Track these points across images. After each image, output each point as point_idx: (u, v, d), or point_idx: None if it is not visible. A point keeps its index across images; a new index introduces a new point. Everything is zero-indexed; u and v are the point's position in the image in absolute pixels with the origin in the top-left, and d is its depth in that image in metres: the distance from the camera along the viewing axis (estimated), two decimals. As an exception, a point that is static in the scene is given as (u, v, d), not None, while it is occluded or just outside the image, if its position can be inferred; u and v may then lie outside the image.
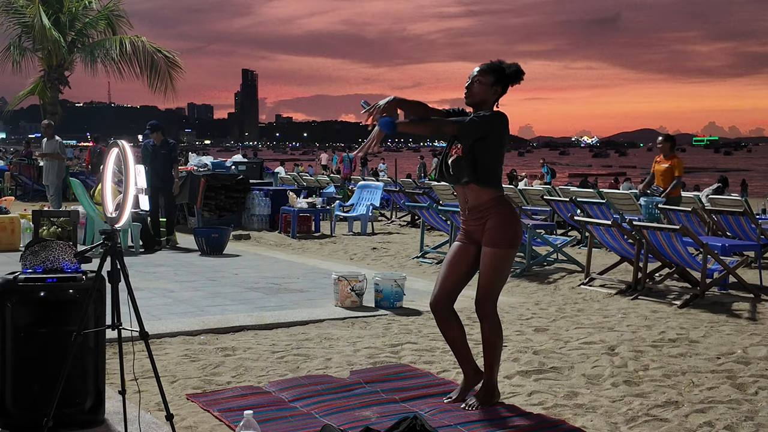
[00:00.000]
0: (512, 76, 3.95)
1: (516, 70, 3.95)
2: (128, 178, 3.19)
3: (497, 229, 3.90)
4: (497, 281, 3.98)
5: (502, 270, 3.98)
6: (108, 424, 3.67)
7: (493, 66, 3.95)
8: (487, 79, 3.92)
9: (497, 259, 3.92)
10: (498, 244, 3.91)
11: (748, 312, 6.70)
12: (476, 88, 3.93)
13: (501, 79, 3.94)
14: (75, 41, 20.58)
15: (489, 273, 3.94)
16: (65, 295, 3.52)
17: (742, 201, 11.98)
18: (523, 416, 3.90)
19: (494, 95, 3.94)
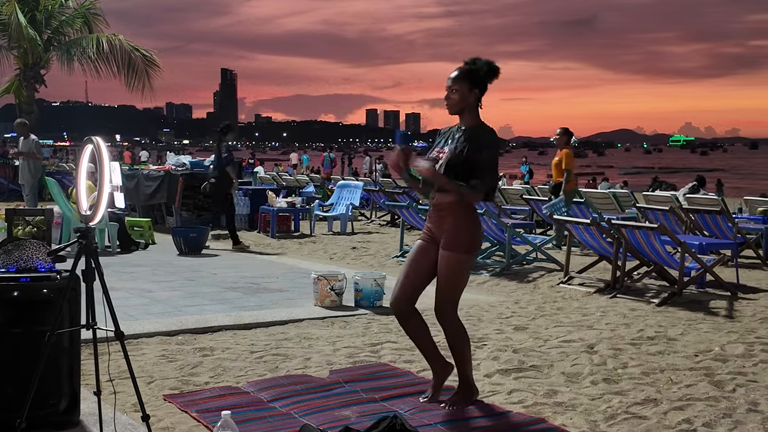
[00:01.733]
0: (487, 76, 3.94)
1: (489, 68, 3.93)
2: (103, 176, 3.14)
3: (454, 232, 3.87)
4: (454, 287, 3.92)
5: (459, 275, 3.93)
6: (83, 425, 3.61)
7: (466, 71, 3.92)
8: (462, 87, 3.90)
9: (453, 264, 3.87)
10: (454, 247, 3.87)
11: (725, 310, 6.75)
12: (454, 98, 3.92)
13: (477, 82, 3.91)
14: (51, 39, 20.38)
15: (445, 278, 3.89)
16: (39, 295, 3.46)
17: (719, 200, 12.10)
18: (503, 415, 3.89)
19: (473, 98, 3.93)
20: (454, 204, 3.88)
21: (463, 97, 3.91)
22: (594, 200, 13.20)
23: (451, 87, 3.92)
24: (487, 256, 9.35)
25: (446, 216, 3.90)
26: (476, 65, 3.93)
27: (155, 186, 13.47)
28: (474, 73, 3.91)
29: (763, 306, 6.94)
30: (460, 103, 3.92)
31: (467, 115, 3.95)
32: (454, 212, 3.89)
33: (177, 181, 13.00)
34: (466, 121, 3.96)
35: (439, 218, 3.93)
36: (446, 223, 3.89)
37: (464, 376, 4.03)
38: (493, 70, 3.93)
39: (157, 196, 13.51)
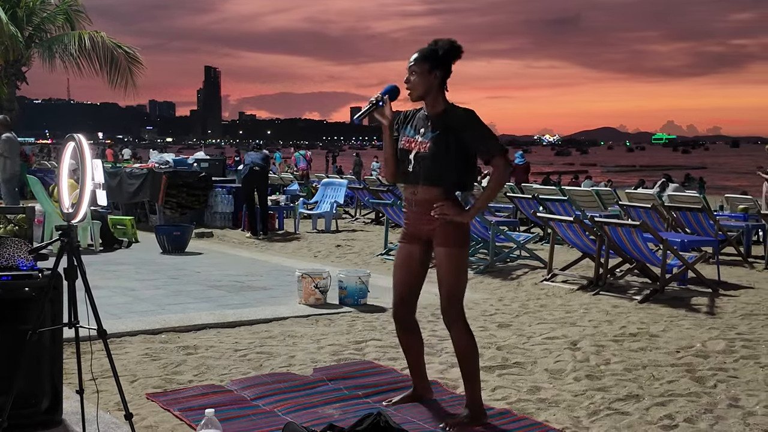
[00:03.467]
0: (449, 55, 3.66)
1: (450, 47, 3.65)
2: (85, 173, 3.13)
3: (448, 227, 3.66)
4: (460, 283, 3.73)
5: (463, 270, 3.73)
6: (66, 424, 3.59)
7: (426, 52, 3.65)
8: (422, 68, 3.63)
9: (456, 259, 3.68)
10: (454, 243, 3.67)
11: (706, 306, 6.81)
12: (414, 81, 3.64)
13: (438, 62, 3.64)
14: (32, 36, 20.18)
15: (450, 275, 3.69)
16: (20, 293, 3.43)
17: (700, 198, 12.20)
18: (487, 411, 3.90)
19: (435, 80, 3.64)
20: (442, 199, 3.66)
21: (424, 79, 3.63)
22: (577, 198, 13.27)
23: (411, 68, 3.65)
24: (471, 254, 9.37)
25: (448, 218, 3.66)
26: (436, 45, 3.66)
27: (138, 184, 13.40)
28: (433, 53, 3.64)
29: (743, 303, 7.01)
30: (423, 86, 3.64)
31: (432, 100, 3.68)
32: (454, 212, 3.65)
33: (160, 179, 12.94)
34: (432, 107, 3.70)
35: (426, 214, 3.68)
36: (437, 220, 3.67)
37: (473, 396, 3.76)
38: (455, 48, 3.66)
39: (140, 194, 13.45)
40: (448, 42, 3.67)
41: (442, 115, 3.67)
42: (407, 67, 3.68)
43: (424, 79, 3.64)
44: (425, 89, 3.66)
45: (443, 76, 3.67)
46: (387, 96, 3.72)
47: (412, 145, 3.71)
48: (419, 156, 3.67)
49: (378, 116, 3.71)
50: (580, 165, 70.47)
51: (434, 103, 3.70)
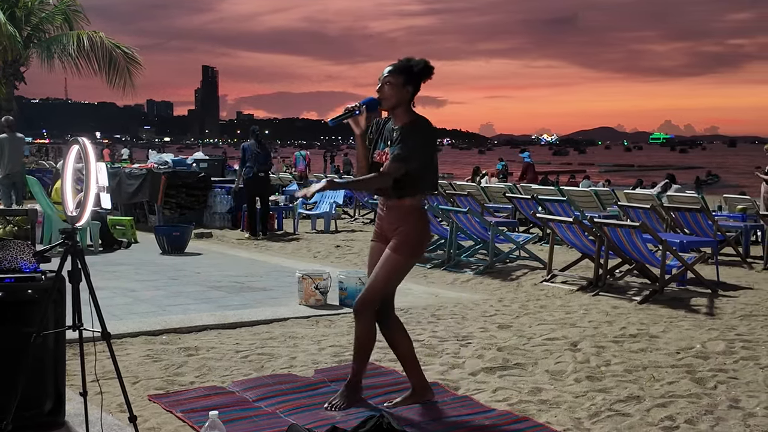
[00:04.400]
0: (422, 74, 3.83)
1: (424, 66, 3.82)
2: (89, 176, 3.13)
3: (406, 236, 3.84)
4: (387, 285, 3.89)
5: (397, 276, 3.90)
6: (68, 426, 3.60)
7: (401, 66, 3.82)
8: (397, 80, 3.79)
9: (395, 265, 3.84)
10: (402, 251, 3.84)
11: (706, 307, 6.83)
12: (388, 91, 3.80)
13: (411, 78, 3.81)
14: (31, 36, 20.17)
15: (382, 275, 3.85)
16: (24, 296, 3.44)
17: (699, 198, 12.22)
18: (488, 413, 3.92)
19: (407, 95, 3.82)
20: (408, 209, 3.85)
21: (397, 92, 3.79)
22: (576, 198, 13.29)
23: (386, 79, 3.81)
24: (470, 255, 9.39)
25: (400, 219, 3.85)
26: (411, 62, 3.83)
27: (137, 184, 13.41)
28: (409, 69, 3.81)
29: (743, 303, 7.03)
30: (395, 97, 3.80)
31: (401, 112, 3.84)
32: (407, 218, 3.84)
33: (159, 179, 12.94)
34: (399, 119, 3.85)
35: (392, 220, 3.88)
36: (400, 226, 3.85)
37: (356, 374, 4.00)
38: (429, 68, 3.83)
39: (139, 195, 13.45)
40: (423, 61, 3.84)
41: (404, 128, 3.81)
42: (381, 78, 3.84)
43: (397, 91, 3.80)
44: (397, 101, 3.82)
45: (414, 92, 3.84)
46: (365, 106, 3.85)
47: (383, 158, 3.86)
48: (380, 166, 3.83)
49: (353, 124, 3.88)
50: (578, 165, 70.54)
51: (402, 117, 3.85)
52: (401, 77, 3.80)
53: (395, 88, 3.80)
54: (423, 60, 3.85)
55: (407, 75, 3.81)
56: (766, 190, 12.69)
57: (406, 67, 3.82)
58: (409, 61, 3.84)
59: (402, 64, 3.83)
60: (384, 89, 3.82)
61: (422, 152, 3.79)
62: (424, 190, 3.92)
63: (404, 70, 3.81)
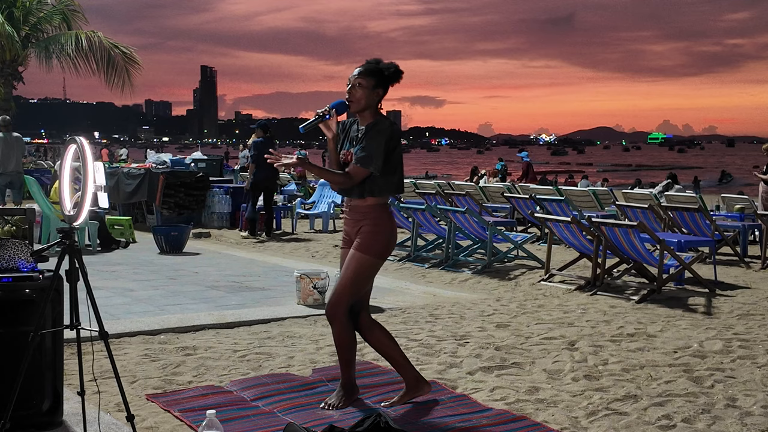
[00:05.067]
0: (392, 77, 3.85)
1: (395, 70, 3.85)
2: (86, 176, 3.14)
3: (370, 236, 3.84)
4: (355, 287, 3.86)
5: (364, 277, 3.88)
6: (66, 425, 3.60)
7: (373, 69, 3.83)
8: (368, 83, 3.81)
9: (361, 266, 3.84)
10: (367, 250, 3.83)
11: (703, 307, 6.83)
12: (358, 94, 3.81)
13: (382, 81, 3.83)
14: (29, 36, 20.18)
15: (349, 277, 3.84)
16: (21, 295, 3.44)
17: (696, 198, 12.24)
18: (486, 412, 3.92)
19: (376, 98, 3.84)
20: (371, 209, 3.85)
21: (367, 94, 3.81)
22: (574, 198, 13.30)
23: (357, 81, 3.81)
24: (468, 254, 9.39)
25: (364, 219, 3.86)
26: (382, 65, 3.85)
27: (136, 184, 13.40)
28: (381, 72, 3.83)
29: (740, 303, 7.04)
30: (364, 100, 3.82)
31: (368, 115, 3.87)
32: (372, 216, 3.85)
33: (158, 179, 12.93)
34: (365, 121, 3.88)
35: (356, 221, 3.89)
36: (363, 227, 3.85)
37: (348, 376, 3.99)
38: (398, 72, 3.85)
39: (137, 195, 13.44)
40: (393, 65, 3.87)
41: (367, 127, 3.84)
42: (351, 79, 3.85)
43: (368, 94, 3.82)
44: (367, 104, 3.84)
45: (383, 95, 3.86)
46: (334, 110, 3.86)
47: (348, 158, 3.88)
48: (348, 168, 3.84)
49: (324, 129, 3.89)
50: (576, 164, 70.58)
51: (368, 118, 3.87)
52: (373, 80, 3.82)
53: (366, 91, 3.82)
54: (393, 64, 3.88)
55: (378, 78, 3.83)
56: (764, 190, 12.69)
57: (378, 70, 3.83)
58: (379, 64, 3.85)
59: (374, 67, 3.84)
60: (355, 91, 3.82)
61: (385, 153, 3.79)
62: (389, 191, 3.90)
63: (376, 73, 3.83)
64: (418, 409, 3.93)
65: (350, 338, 3.96)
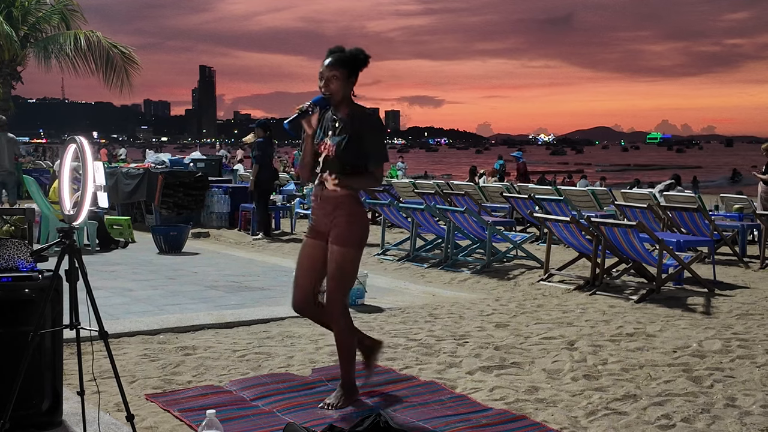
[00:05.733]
0: (363, 63, 3.90)
1: (364, 56, 3.89)
2: (86, 175, 3.13)
3: (346, 227, 3.85)
4: (346, 283, 3.90)
5: (351, 271, 3.91)
6: (66, 425, 3.60)
7: (345, 58, 3.85)
8: (342, 74, 3.84)
9: (345, 260, 3.85)
10: (346, 243, 3.85)
11: (702, 306, 6.84)
12: (335, 86, 3.84)
13: (354, 70, 3.88)
14: (28, 36, 20.16)
15: (337, 275, 3.86)
16: (21, 295, 3.44)
17: (695, 197, 12.24)
18: (485, 411, 3.92)
19: (351, 86, 3.89)
20: (345, 199, 3.85)
21: (344, 85, 3.85)
22: (573, 198, 13.30)
23: (332, 74, 3.84)
24: (467, 254, 9.39)
25: (337, 211, 3.86)
26: (353, 53, 3.87)
27: (135, 184, 13.39)
28: (352, 60, 3.87)
29: (739, 302, 7.04)
30: (341, 92, 3.85)
31: (344, 104, 3.90)
32: (345, 208, 3.86)
33: (156, 179, 12.92)
34: (339, 109, 3.90)
35: (328, 213, 3.89)
36: (337, 218, 3.86)
37: (347, 374, 3.99)
38: (367, 58, 3.91)
39: (136, 194, 13.43)
40: (361, 50, 3.91)
41: (347, 119, 3.88)
42: (323, 73, 3.86)
43: (344, 84, 3.86)
44: (344, 94, 3.89)
45: (355, 82, 3.91)
46: (317, 106, 3.90)
47: (321, 147, 3.90)
48: (326, 159, 3.87)
49: (305, 125, 3.91)
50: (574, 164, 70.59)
51: (346, 107, 3.91)
52: (346, 70, 3.85)
53: (342, 82, 3.85)
54: (360, 49, 3.92)
55: (351, 67, 3.87)
56: (763, 190, 12.70)
57: (350, 59, 3.86)
58: (349, 53, 3.89)
59: (345, 57, 3.86)
60: (331, 84, 3.85)
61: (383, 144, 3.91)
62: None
63: (348, 62, 3.86)
64: (418, 409, 3.93)
65: (351, 337, 3.99)
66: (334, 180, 3.83)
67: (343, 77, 3.84)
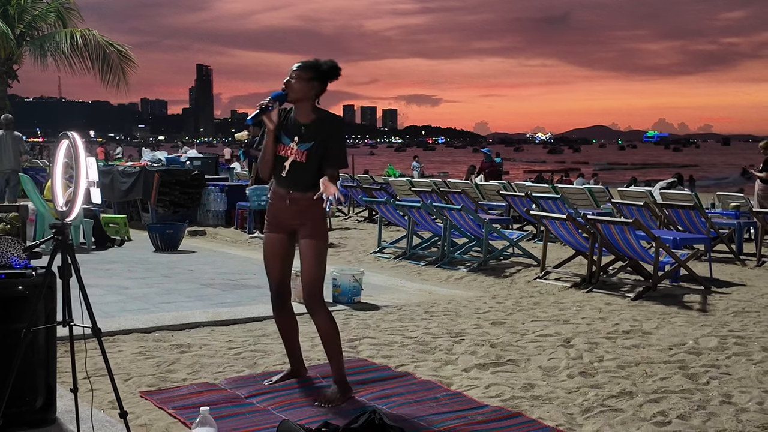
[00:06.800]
0: (329, 73, 4.04)
1: (332, 66, 4.04)
2: (79, 171, 3.12)
3: (318, 222, 4.08)
4: (321, 273, 4.07)
5: (324, 261, 4.11)
6: (59, 423, 3.59)
7: (310, 64, 4.03)
8: (305, 74, 3.99)
9: (319, 251, 4.06)
10: (319, 236, 4.07)
11: (698, 304, 6.84)
12: (295, 84, 3.99)
13: (318, 75, 4.01)
14: (24, 34, 20.10)
15: (314, 265, 4.04)
16: (14, 292, 3.42)
17: (692, 195, 12.25)
18: (481, 408, 3.92)
19: (312, 90, 4.01)
20: (312, 200, 3.99)
21: (303, 85, 3.99)
22: (570, 196, 13.31)
23: (294, 72, 4.01)
24: (464, 252, 9.38)
25: (306, 211, 4.03)
26: (320, 62, 4.05)
27: (131, 182, 13.37)
28: (317, 66, 4.02)
29: (735, 300, 7.04)
30: (301, 91, 3.99)
31: (304, 107, 4.04)
32: (313, 207, 4.01)
33: (153, 177, 12.90)
34: (304, 115, 4.04)
35: (296, 212, 4.05)
36: (307, 216, 4.04)
37: (339, 371, 4.09)
38: (335, 68, 4.05)
39: (132, 193, 13.41)
40: (332, 61, 4.07)
41: (313, 126, 4.03)
42: (290, 71, 4.02)
43: (303, 85, 4.00)
44: (302, 95, 4.01)
45: (319, 90, 4.05)
46: (276, 102, 4.04)
47: (288, 152, 4.06)
48: (295, 164, 4.04)
49: (266, 120, 4.05)
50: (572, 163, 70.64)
51: (306, 111, 4.04)
52: (308, 73, 4.00)
53: (302, 82, 3.99)
54: (331, 60, 4.07)
55: (314, 72, 4.01)
56: (760, 188, 12.71)
57: (315, 65, 4.03)
58: (317, 61, 4.05)
59: (311, 62, 4.04)
60: (291, 82, 4.00)
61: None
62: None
63: (312, 67, 4.03)
64: (414, 407, 3.92)
65: (335, 327, 4.13)
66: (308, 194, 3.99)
67: (304, 78, 3.99)
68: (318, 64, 4.03)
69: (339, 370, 4.08)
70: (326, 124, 4.04)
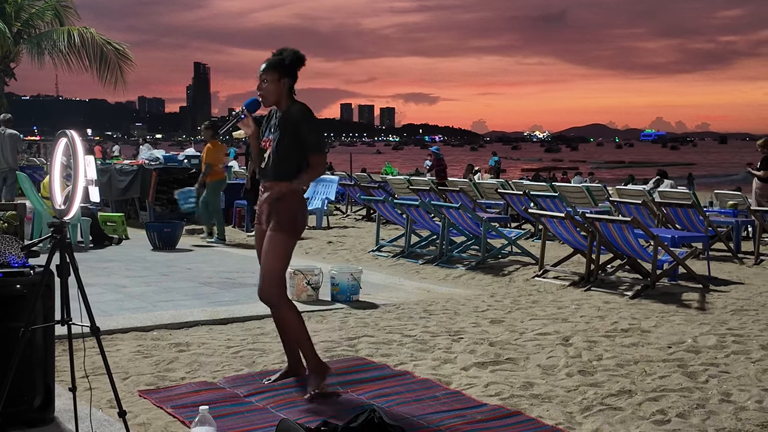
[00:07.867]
0: (294, 64, 4.08)
1: (293, 58, 4.07)
2: (77, 169, 3.11)
3: (284, 214, 4.04)
4: (279, 265, 4.05)
5: (284, 254, 4.07)
6: (58, 422, 3.58)
7: (274, 62, 4.06)
8: (272, 76, 4.04)
9: (278, 243, 4.03)
10: (281, 228, 4.03)
11: (697, 302, 6.84)
12: (267, 89, 4.06)
13: (285, 71, 4.06)
14: (21, 32, 20.05)
15: (271, 256, 4.03)
16: (12, 291, 3.41)
17: (690, 194, 12.26)
18: (480, 407, 3.91)
19: (284, 87, 4.06)
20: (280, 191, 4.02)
21: (275, 87, 4.05)
22: (568, 194, 13.31)
23: (262, 77, 4.06)
24: (462, 250, 9.38)
25: (274, 201, 4.04)
26: (282, 55, 4.07)
27: (128, 180, 13.34)
28: (281, 63, 4.06)
29: (734, 298, 7.05)
30: (275, 94, 4.06)
31: (282, 102, 4.10)
32: (288, 199, 4.03)
33: (150, 175, 12.88)
34: (282, 108, 4.11)
35: (269, 202, 4.06)
36: (275, 207, 4.04)
37: (310, 356, 4.11)
38: (299, 58, 4.09)
39: (130, 191, 13.38)
40: (292, 52, 4.10)
41: (283, 116, 4.09)
42: (258, 76, 4.09)
43: (275, 86, 4.06)
44: (277, 96, 4.09)
45: (291, 83, 4.10)
46: (246, 109, 4.13)
47: (266, 144, 4.15)
48: (270, 155, 4.10)
49: (242, 127, 4.16)
50: (569, 161, 70.66)
51: (284, 105, 4.11)
52: (276, 73, 4.05)
53: (273, 84, 4.05)
54: (292, 50, 4.10)
55: (281, 69, 4.05)
56: (757, 186, 12.71)
57: (278, 63, 4.06)
58: (280, 55, 4.08)
59: (274, 60, 4.07)
60: (263, 88, 4.07)
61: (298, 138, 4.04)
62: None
63: (277, 65, 4.06)
64: (413, 405, 3.91)
65: (295, 317, 4.12)
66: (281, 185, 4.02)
67: (273, 80, 4.04)
68: (281, 61, 4.05)
69: (309, 356, 4.09)
70: (291, 113, 4.07)
